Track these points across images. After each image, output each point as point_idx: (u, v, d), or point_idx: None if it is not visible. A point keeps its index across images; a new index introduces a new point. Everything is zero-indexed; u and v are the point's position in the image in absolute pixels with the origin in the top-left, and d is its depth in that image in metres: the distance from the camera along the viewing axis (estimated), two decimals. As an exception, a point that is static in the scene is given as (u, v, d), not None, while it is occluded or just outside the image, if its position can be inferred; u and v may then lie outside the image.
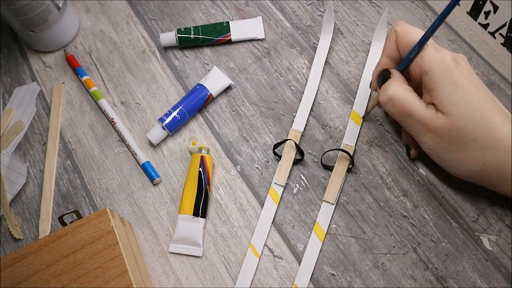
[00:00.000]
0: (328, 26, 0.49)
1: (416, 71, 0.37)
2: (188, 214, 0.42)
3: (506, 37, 0.44)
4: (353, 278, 0.39)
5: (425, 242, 0.40)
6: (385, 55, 0.40)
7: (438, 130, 0.35)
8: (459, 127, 0.35)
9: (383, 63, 0.40)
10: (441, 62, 0.35)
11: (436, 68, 0.35)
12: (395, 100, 0.37)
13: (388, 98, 0.37)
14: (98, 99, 0.49)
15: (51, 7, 0.49)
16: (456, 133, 0.35)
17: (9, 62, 0.54)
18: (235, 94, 0.49)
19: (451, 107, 0.35)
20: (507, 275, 0.38)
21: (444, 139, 0.36)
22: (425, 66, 0.36)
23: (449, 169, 0.38)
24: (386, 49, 0.40)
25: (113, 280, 0.35)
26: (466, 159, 0.36)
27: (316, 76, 0.47)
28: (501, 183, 0.36)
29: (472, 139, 0.35)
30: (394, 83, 0.38)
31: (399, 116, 0.38)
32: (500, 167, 0.35)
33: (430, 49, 0.36)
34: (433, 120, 0.36)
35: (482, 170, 0.36)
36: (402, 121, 0.38)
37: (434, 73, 0.35)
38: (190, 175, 0.43)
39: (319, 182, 0.43)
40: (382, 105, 0.39)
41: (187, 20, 0.53)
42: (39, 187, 0.46)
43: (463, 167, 0.36)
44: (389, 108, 0.38)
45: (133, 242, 0.41)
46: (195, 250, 0.41)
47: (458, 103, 0.34)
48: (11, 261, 0.36)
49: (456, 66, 0.35)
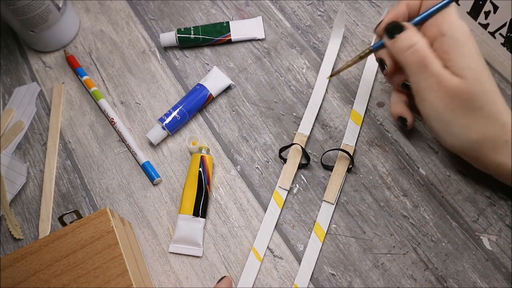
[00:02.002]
0: (338, 31, 0.49)
1: (431, 31, 0.37)
2: (188, 214, 0.42)
3: (506, 37, 0.44)
4: (353, 278, 0.39)
5: (425, 242, 0.40)
6: (406, 4, 0.39)
7: (451, 90, 0.35)
8: (471, 91, 0.35)
9: (400, 10, 0.39)
10: (461, 27, 0.36)
11: (456, 30, 0.35)
12: (418, 48, 0.36)
13: (410, 44, 0.36)
14: (98, 99, 0.49)
15: (51, 7, 0.49)
16: (467, 97, 0.35)
17: (9, 62, 0.54)
18: (235, 94, 0.49)
19: (467, 71, 0.35)
20: (507, 275, 0.38)
21: (454, 100, 0.35)
22: (444, 27, 0.36)
23: (447, 137, 0.38)
24: None
25: (113, 280, 0.35)
26: (468, 127, 0.36)
27: (324, 81, 0.47)
28: (492, 156, 0.36)
29: (479, 106, 0.35)
30: (416, 32, 0.37)
31: (414, 67, 0.36)
32: (496, 139, 0.35)
33: (452, 12, 0.36)
34: (448, 78, 0.35)
35: (479, 141, 0.36)
36: (415, 73, 0.37)
37: (453, 35, 0.35)
38: (190, 175, 0.43)
39: (319, 182, 0.43)
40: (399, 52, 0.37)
41: (187, 20, 0.53)
42: (39, 187, 0.46)
43: (464, 134, 0.36)
44: (408, 55, 0.36)
45: (133, 242, 0.41)
46: (195, 250, 0.41)
47: (474, 68, 0.35)
48: (11, 261, 0.36)
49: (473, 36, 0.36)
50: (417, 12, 0.39)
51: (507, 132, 0.35)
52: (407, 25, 0.37)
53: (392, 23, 0.38)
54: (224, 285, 0.38)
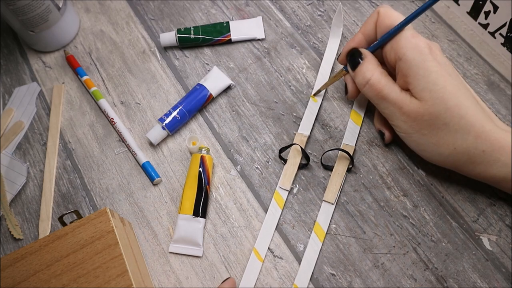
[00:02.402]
0: (337, 30, 0.49)
1: (390, 55, 0.38)
2: (188, 214, 0.42)
3: (506, 37, 0.44)
4: (353, 278, 0.39)
5: (425, 242, 0.40)
6: (362, 32, 0.41)
7: (412, 114, 0.36)
8: (431, 112, 0.36)
9: (357, 40, 0.41)
10: (415, 48, 0.36)
11: (410, 54, 0.36)
12: (372, 83, 0.38)
13: (365, 81, 0.39)
14: (98, 99, 0.49)
15: (51, 7, 0.49)
16: (428, 117, 0.36)
17: (9, 62, 0.54)
18: (235, 94, 0.49)
19: (424, 92, 0.36)
20: (507, 275, 0.38)
21: (417, 123, 0.37)
22: (400, 52, 0.37)
23: (422, 153, 0.39)
24: (365, 27, 0.41)
25: (113, 280, 0.34)
26: (438, 143, 0.37)
27: (323, 81, 0.47)
28: (470, 167, 0.37)
29: (444, 123, 0.36)
30: (370, 65, 0.39)
31: (375, 99, 0.39)
32: (470, 151, 0.36)
33: (406, 34, 0.37)
34: (407, 104, 0.37)
35: (453, 154, 0.37)
36: (377, 104, 0.39)
37: (408, 58, 0.36)
38: (190, 175, 0.43)
39: (319, 182, 0.43)
40: (359, 88, 0.40)
41: (187, 20, 0.53)
42: (39, 187, 0.46)
43: (435, 150, 0.37)
44: (366, 90, 0.39)
45: (133, 242, 0.41)
46: (195, 250, 0.41)
47: (431, 88, 0.35)
48: (11, 261, 0.36)
49: (430, 53, 0.36)
50: (374, 37, 0.41)
51: (483, 142, 0.35)
52: (365, 53, 0.40)
53: (352, 51, 0.41)
54: (227, 286, 0.38)
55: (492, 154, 0.35)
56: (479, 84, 0.46)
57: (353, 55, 0.40)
